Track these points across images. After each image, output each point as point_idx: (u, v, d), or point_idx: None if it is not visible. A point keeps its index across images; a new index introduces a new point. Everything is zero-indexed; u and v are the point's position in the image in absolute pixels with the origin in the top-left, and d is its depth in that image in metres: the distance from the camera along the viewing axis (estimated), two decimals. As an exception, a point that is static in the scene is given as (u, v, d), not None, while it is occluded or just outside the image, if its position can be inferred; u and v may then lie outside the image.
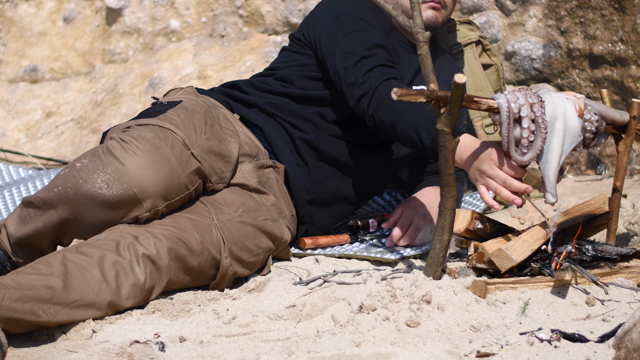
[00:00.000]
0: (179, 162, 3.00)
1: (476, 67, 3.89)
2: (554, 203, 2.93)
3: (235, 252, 3.08)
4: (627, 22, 4.16)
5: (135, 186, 2.91)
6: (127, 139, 2.96)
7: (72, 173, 2.93)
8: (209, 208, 3.09)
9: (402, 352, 2.51)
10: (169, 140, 3.00)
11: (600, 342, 2.58)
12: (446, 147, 2.86)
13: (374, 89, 3.20)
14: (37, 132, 5.18)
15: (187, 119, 3.11)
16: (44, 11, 5.55)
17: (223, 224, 3.08)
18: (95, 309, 2.81)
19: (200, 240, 3.00)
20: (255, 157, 3.30)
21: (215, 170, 3.12)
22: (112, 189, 2.89)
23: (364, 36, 3.31)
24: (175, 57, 5.07)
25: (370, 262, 3.33)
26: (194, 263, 3.00)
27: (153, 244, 2.92)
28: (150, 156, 2.95)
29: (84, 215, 2.94)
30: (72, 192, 2.91)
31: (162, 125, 3.04)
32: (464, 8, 4.57)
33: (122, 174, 2.90)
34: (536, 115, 2.88)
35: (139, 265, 2.88)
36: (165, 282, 2.94)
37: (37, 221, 2.99)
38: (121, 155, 2.92)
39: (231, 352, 2.58)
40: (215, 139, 3.13)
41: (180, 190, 3.01)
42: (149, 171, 2.93)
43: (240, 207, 3.15)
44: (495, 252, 2.89)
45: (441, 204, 2.90)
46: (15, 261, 3.06)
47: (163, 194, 2.96)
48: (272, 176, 3.32)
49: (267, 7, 5.04)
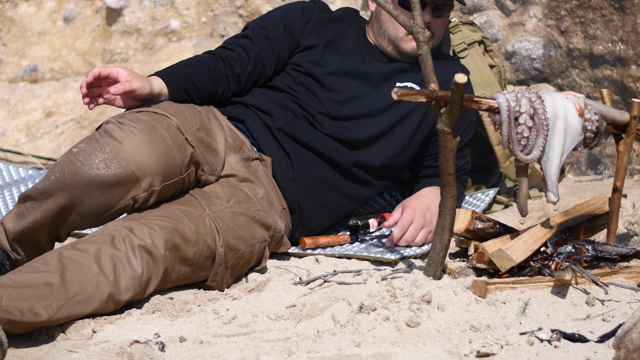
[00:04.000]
0: (175, 144, 3.04)
1: (481, 64, 3.90)
2: (556, 202, 2.94)
3: (230, 242, 3.08)
4: (627, 22, 4.16)
5: (133, 164, 2.93)
6: (124, 121, 3.00)
7: (69, 158, 2.94)
8: (199, 200, 3.10)
9: (402, 352, 2.51)
10: (164, 123, 3.05)
11: (600, 342, 2.58)
12: (446, 147, 2.86)
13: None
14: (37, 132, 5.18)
15: (178, 110, 3.17)
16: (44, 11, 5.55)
17: (216, 214, 3.09)
18: (95, 302, 2.81)
19: (195, 230, 3.01)
20: (240, 149, 3.32)
21: (207, 160, 3.16)
22: (110, 168, 2.91)
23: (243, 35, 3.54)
24: (176, 57, 5.07)
25: (370, 262, 3.33)
26: (190, 253, 3.00)
27: (148, 234, 2.92)
28: (148, 135, 2.98)
29: (82, 200, 2.95)
30: (69, 176, 2.92)
31: (156, 112, 3.10)
32: (464, 8, 4.57)
33: (120, 152, 2.92)
34: (537, 112, 2.88)
35: (136, 257, 2.88)
36: (162, 272, 2.93)
37: (35, 213, 2.99)
38: (119, 135, 2.95)
39: (231, 352, 2.58)
40: (204, 131, 3.18)
41: (176, 172, 3.04)
42: (147, 149, 2.96)
43: (231, 198, 3.16)
44: (496, 252, 2.89)
45: (441, 204, 2.90)
46: (15, 259, 3.06)
47: (161, 173, 2.99)
48: (259, 169, 3.34)
49: (267, 6, 5.04)
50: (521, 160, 2.90)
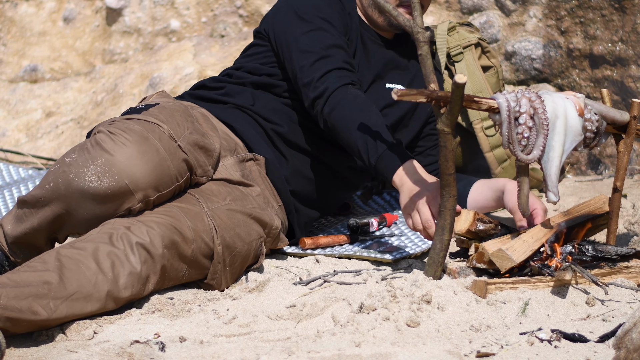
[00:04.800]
0: (168, 154, 3.00)
1: (475, 69, 3.89)
2: (556, 202, 2.94)
3: (227, 240, 3.08)
4: (627, 22, 4.16)
5: (126, 177, 2.91)
6: (115, 131, 2.96)
7: (62, 168, 2.93)
8: (197, 198, 3.09)
9: (402, 352, 2.51)
10: (156, 132, 3.01)
11: (600, 342, 2.58)
12: (446, 147, 2.86)
13: (330, 92, 3.21)
14: (37, 132, 5.18)
15: (169, 115, 3.12)
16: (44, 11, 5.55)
17: (213, 212, 3.08)
18: (94, 300, 2.80)
19: (193, 228, 3.00)
20: (235, 151, 3.31)
21: (200, 164, 3.13)
22: (103, 181, 2.89)
23: (322, 35, 3.32)
24: (176, 57, 5.07)
25: (370, 262, 3.33)
26: (188, 251, 2.99)
27: (146, 232, 2.91)
28: (140, 147, 2.95)
29: (77, 210, 2.94)
30: (63, 187, 2.91)
31: (147, 120, 3.05)
32: (464, 8, 4.57)
33: (112, 166, 2.90)
34: (537, 112, 2.88)
35: (134, 254, 2.88)
36: (160, 269, 2.93)
37: (32, 219, 2.99)
38: (110, 147, 2.92)
39: (231, 352, 2.58)
40: (198, 134, 3.14)
41: (171, 181, 3.02)
42: (139, 162, 2.93)
43: (227, 196, 3.16)
44: (496, 252, 2.89)
45: (441, 204, 2.90)
46: (14, 261, 3.06)
47: (154, 185, 2.97)
48: (254, 169, 3.33)
49: (267, 6, 5.04)
50: (522, 160, 2.90)
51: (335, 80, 3.23)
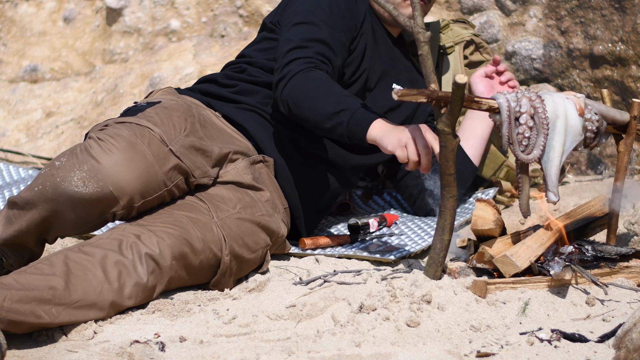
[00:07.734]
0: (157, 159, 3.00)
1: (459, 68, 3.89)
2: (556, 202, 2.94)
3: (235, 250, 3.08)
4: (627, 22, 4.16)
5: (110, 184, 2.91)
6: (104, 137, 2.97)
7: (51, 172, 2.93)
8: (207, 206, 3.09)
9: (402, 352, 2.51)
10: (146, 137, 3.01)
11: (600, 342, 2.58)
12: (446, 147, 2.86)
13: (292, 75, 3.20)
14: (37, 132, 5.18)
15: (166, 116, 3.12)
16: (44, 11, 5.55)
17: (223, 222, 3.08)
18: (97, 309, 2.81)
19: (202, 239, 3.01)
20: (246, 153, 3.31)
21: (198, 165, 3.12)
22: (88, 187, 2.90)
23: (308, 29, 3.32)
24: (176, 57, 5.07)
25: (370, 262, 3.33)
26: (196, 262, 3.00)
27: (156, 243, 2.92)
28: (127, 154, 2.95)
29: (64, 213, 2.94)
30: (50, 190, 2.92)
31: (139, 123, 3.05)
32: (464, 8, 4.57)
33: (97, 172, 2.90)
34: (538, 112, 2.88)
35: (142, 265, 2.88)
36: (167, 280, 2.94)
37: (20, 221, 2.99)
38: (97, 154, 2.92)
39: (231, 352, 2.58)
40: (195, 136, 3.13)
41: (158, 187, 3.02)
42: (125, 169, 2.93)
43: (237, 203, 3.15)
44: (500, 258, 2.89)
45: (441, 204, 2.90)
46: (6, 262, 3.06)
47: (139, 192, 2.97)
48: (263, 171, 3.33)
49: (267, 7, 5.04)
50: (522, 160, 2.90)
51: (300, 65, 3.22)
